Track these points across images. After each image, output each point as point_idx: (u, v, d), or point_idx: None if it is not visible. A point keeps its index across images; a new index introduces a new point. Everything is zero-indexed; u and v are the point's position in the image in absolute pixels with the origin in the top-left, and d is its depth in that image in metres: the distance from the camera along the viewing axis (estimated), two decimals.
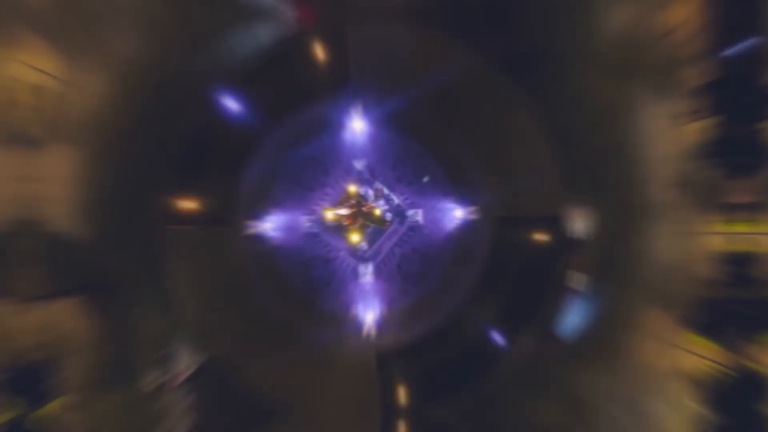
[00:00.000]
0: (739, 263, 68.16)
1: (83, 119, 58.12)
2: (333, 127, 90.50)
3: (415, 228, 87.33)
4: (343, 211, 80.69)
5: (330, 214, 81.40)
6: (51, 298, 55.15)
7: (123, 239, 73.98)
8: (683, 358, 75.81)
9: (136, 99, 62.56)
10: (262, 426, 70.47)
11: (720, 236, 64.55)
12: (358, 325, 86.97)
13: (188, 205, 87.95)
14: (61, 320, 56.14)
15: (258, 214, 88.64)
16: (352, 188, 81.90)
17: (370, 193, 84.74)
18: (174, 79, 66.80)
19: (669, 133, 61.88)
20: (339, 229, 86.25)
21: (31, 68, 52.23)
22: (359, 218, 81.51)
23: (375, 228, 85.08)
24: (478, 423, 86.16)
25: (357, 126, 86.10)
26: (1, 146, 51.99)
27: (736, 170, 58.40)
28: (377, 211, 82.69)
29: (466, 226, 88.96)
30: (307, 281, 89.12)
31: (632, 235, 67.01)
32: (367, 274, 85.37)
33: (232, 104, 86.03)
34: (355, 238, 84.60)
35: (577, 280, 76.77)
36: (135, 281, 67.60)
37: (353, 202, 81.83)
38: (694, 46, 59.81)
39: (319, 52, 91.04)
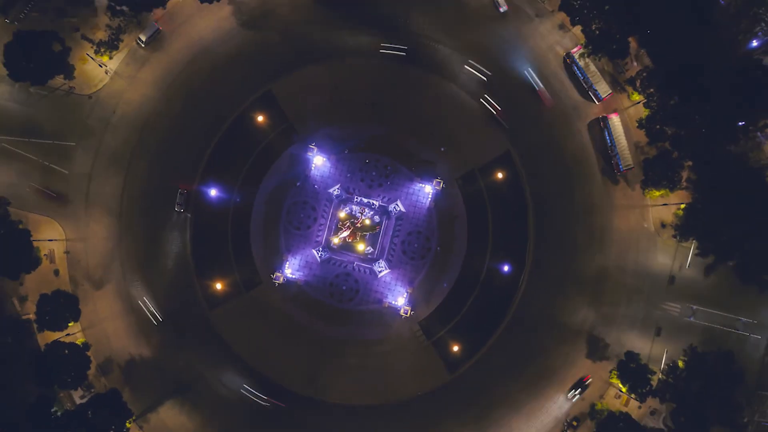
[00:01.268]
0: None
1: None
2: (299, 172, 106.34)
3: (401, 217, 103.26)
4: (344, 234, 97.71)
5: (336, 240, 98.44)
6: None
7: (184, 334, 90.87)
8: (653, 212, 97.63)
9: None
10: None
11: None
12: (395, 311, 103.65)
13: (222, 286, 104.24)
14: None
15: (277, 265, 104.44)
16: (342, 214, 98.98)
17: (356, 209, 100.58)
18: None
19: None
20: (346, 246, 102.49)
21: None
22: (357, 233, 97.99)
23: (370, 235, 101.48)
24: (518, 335, 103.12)
25: (318, 162, 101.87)
26: None
27: None
28: (367, 221, 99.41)
29: (439, 196, 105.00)
30: (339, 297, 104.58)
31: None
32: (382, 269, 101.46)
33: (215, 193, 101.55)
34: (360, 247, 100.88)
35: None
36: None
37: (348, 223, 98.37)
38: None
39: (261, 118, 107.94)
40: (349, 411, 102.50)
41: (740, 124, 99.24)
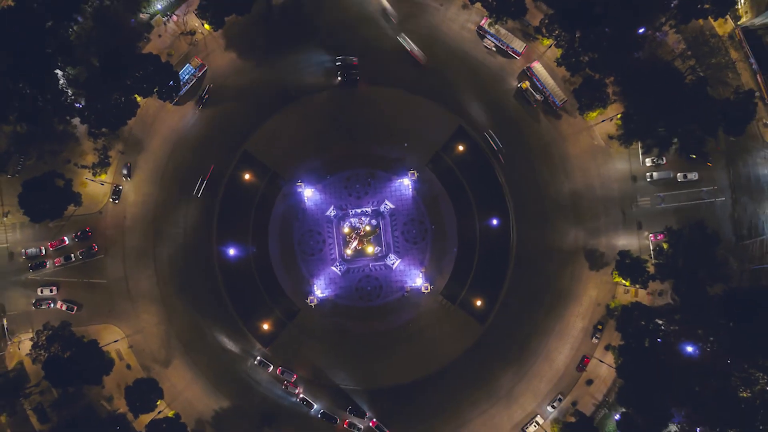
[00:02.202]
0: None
1: None
2: (296, 208, 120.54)
3: (392, 213, 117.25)
4: (353, 244, 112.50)
5: (349, 251, 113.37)
6: None
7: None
8: (598, 130, 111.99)
9: None
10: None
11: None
12: (417, 291, 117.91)
13: (269, 326, 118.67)
14: None
15: (307, 291, 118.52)
16: (346, 229, 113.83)
17: (354, 221, 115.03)
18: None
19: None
20: (358, 254, 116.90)
21: None
22: (363, 240, 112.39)
23: (375, 237, 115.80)
24: (525, 272, 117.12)
25: (308, 194, 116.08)
26: None
27: None
28: (367, 227, 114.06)
29: (418, 184, 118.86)
30: (367, 297, 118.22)
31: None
32: (394, 261, 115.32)
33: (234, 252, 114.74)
34: (370, 250, 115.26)
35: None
36: None
37: (353, 234, 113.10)
38: None
39: (248, 176, 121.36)
40: (409, 388, 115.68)
41: (640, 32, 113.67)
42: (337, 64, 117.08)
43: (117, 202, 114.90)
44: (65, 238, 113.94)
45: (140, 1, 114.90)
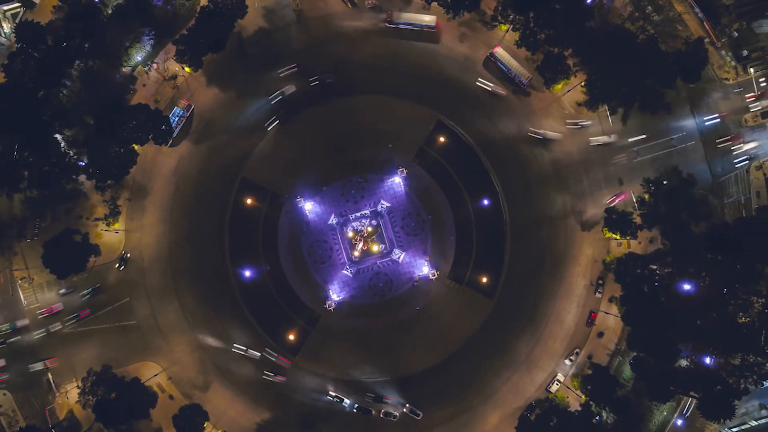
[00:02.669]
0: None
1: None
2: (300, 222, 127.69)
3: (390, 211, 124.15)
4: (359, 246, 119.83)
5: (356, 253, 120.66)
6: None
7: None
8: (566, 100, 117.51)
9: None
10: None
11: None
12: (425, 279, 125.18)
13: (294, 336, 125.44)
14: None
15: (323, 297, 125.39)
16: (350, 233, 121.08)
17: (356, 224, 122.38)
18: None
19: None
20: (365, 254, 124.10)
21: None
22: (367, 240, 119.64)
23: (377, 236, 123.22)
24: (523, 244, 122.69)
25: (309, 207, 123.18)
26: None
27: None
28: (369, 228, 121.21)
29: (408, 180, 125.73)
30: (380, 293, 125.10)
31: None
32: (399, 255, 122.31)
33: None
34: (375, 248, 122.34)
35: None
36: None
37: (357, 237, 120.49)
38: None
39: (250, 201, 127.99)
40: (435, 370, 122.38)
41: (588, 2, 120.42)
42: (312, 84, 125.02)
43: (123, 269, 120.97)
44: (53, 307, 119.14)
45: (121, 57, 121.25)
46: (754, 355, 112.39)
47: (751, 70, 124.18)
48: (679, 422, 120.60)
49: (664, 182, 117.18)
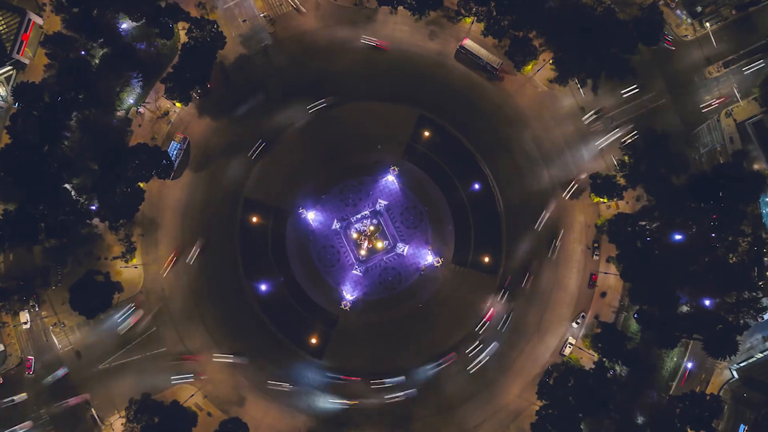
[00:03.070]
0: None
1: None
2: (306, 231, 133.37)
3: (388, 208, 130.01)
4: (365, 245, 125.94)
5: (363, 252, 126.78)
6: None
7: None
8: (538, 78, 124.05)
9: None
10: None
11: None
12: (431, 267, 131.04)
13: (316, 339, 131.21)
14: None
15: (338, 298, 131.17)
16: (354, 235, 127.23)
17: (358, 226, 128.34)
18: None
19: None
20: (371, 252, 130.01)
21: None
22: (371, 239, 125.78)
23: (380, 233, 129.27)
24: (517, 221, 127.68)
25: (312, 216, 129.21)
26: None
27: None
28: (371, 228, 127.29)
29: (402, 177, 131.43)
30: (391, 287, 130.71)
31: None
32: (403, 248, 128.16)
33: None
34: (379, 245, 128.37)
35: None
36: None
37: (362, 237, 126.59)
38: None
39: (255, 219, 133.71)
40: (455, 350, 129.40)
41: None
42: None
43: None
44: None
45: (114, 102, 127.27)
46: (749, 291, 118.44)
47: (707, 24, 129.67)
48: (690, 365, 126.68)
49: (639, 142, 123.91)
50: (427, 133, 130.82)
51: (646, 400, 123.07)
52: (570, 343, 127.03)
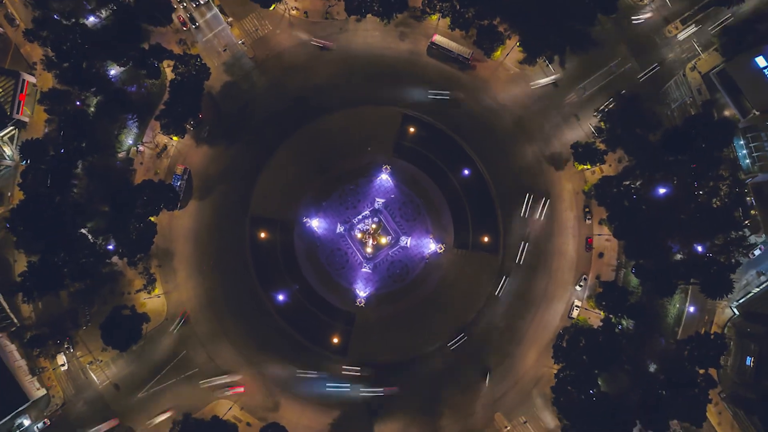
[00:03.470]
0: None
1: None
2: (313, 239, 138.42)
3: (386, 205, 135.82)
4: (371, 241, 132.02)
5: (369, 250, 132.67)
6: None
7: None
8: (508, 63, 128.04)
9: None
10: None
11: None
12: (435, 254, 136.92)
13: (337, 339, 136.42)
14: None
15: (352, 296, 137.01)
16: (359, 235, 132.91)
17: (360, 226, 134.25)
18: None
19: None
20: (376, 249, 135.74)
21: None
22: (375, 236, 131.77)
23: (382, 230, 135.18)
24: (510, 199, 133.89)
25: (316, 224, 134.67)
26: None
27: None
28: (373, 226, 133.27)
29: (395, 174, 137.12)
30: (400, 279, 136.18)
31: None
32: (406, 241, 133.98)
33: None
34: (383, 241, 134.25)
35: None
36: None
37: (367, 236, 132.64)
38: None
39: (264, 234, 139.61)
40: (469, 326, 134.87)
41: None
42: None
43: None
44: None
45: (114, 145, 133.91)
46: (735, 231, 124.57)
47: None
48: (692, 309, 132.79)
49: (611, 108, 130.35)
50: (412, 129, 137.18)
51: (655, 348, 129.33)
52: (576, 306, 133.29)
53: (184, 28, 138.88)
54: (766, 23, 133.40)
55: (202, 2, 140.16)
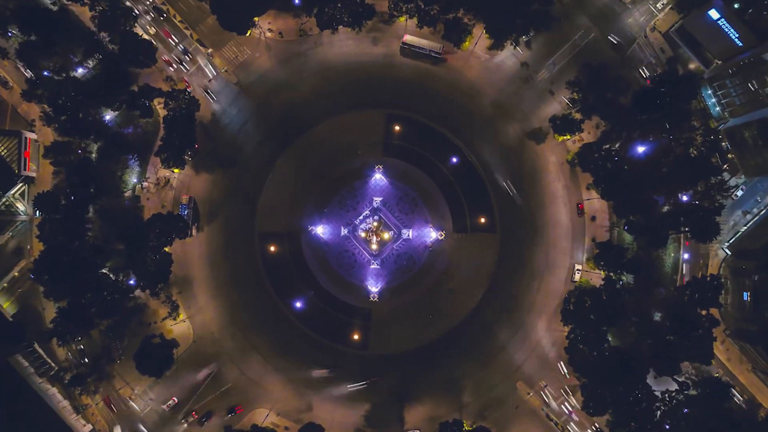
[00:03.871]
0: None
1: None
2: (320, 244, 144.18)
3: (384, 203, 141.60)
4: (374, 239, 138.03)
5: (374, 246, 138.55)
6: None
7: None
8: (479, 50, 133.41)
9: None
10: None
11: None
12: (437, 242, 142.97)
13: (358, 335, 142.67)
14: None
15: (366, 293, 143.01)
16: (363, 234, 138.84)
17: (363, 226, 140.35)
18: None
19: None
20: (381, 245, 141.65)
21: None
22: (378, 233, 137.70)
23: (384, 226, 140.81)
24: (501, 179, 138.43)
25: (321, 230, 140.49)
26: None
27: None
28: (375, 224, 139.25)
29: (387, 172, 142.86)
30: (408, 270, 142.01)
31: None
32: (408, 233, 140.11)
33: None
34: (386, 236, 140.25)
35: None
36: None
37: (370, 234, 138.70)
38: None
39: (273, 248, 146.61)
40: (481, 307, 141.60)
41: None
42: None
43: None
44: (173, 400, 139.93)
45: (119, 186, 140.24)
46: (714, 176, 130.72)
47: None
48: (686, 256, 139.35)
49: (580, 78, 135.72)
50: (397, 128, 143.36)
51: (657, 298, 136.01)
52: (578, 269, 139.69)
53: (171, 69, 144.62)
54: None
55: (182, 47, 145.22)
